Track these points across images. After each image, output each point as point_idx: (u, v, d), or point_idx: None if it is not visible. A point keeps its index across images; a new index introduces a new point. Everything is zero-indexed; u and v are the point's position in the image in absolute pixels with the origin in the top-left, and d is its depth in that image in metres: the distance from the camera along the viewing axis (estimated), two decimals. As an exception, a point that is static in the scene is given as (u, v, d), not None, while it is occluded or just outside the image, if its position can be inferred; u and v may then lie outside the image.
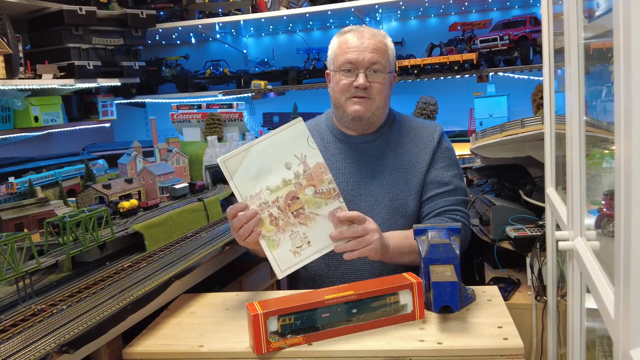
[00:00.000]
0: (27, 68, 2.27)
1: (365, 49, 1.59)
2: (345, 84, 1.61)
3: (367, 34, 1.62)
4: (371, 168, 1.67)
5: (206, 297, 1.52)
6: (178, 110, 2.67)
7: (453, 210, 1.66)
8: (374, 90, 1.61)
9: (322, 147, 1.72)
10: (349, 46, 1.60)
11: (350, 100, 1.62)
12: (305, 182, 1.39)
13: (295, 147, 1.38)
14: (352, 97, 1.62)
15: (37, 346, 1.06)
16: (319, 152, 1.40)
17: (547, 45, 1.57)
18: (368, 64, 1.58)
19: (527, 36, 2.60)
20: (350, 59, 1.59)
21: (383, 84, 1.62)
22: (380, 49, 1.61)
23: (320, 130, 1.76)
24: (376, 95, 1.61)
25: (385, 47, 1.63)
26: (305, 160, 1.39)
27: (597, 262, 0.90)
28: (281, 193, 1.37)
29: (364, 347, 1.18)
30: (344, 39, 1.63)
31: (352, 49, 1.59)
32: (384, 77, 1.61)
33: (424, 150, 1.69)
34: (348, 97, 1.62)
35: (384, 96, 1.64)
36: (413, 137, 1.71)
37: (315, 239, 1.39)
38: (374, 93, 1.61)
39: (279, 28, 3.35)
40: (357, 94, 1.61)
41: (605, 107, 1.18)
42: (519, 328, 1.23)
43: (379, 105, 1.63)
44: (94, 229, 1.52)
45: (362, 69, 1.59)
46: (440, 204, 1.66)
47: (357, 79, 1.59)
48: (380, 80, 1.60)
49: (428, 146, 1.70)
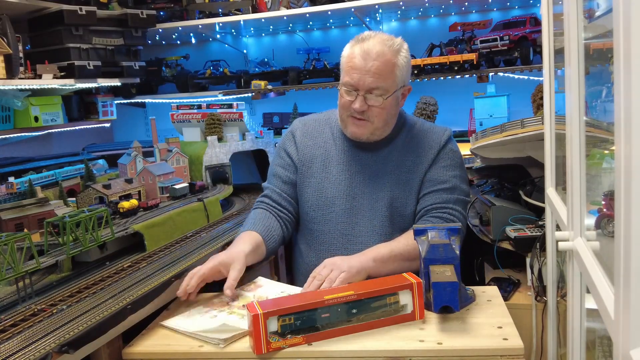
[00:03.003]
0: (27, 68, 2.27)
1: (367, 72, 1.55)
2: (345, 102, 1.61)
3: (374, 53, 1.55)
4: (375, 167, 1.68)
5: (206, 297, 1.52)
6: (178, 110, 2.67)
7: (443, 207, 1.62)
8: (372, 113, 1.59)
9: (331, 140, 1.75)
10: (353, 66, 1.57)
11: (350, 119, 1.63)
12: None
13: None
14: (351, 116, 1.62)
15: (37, 346, 1.06)
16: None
17: (547, 46, 1.58)
18: (367, 88, 1.56)
19: (527, 36, 2.60)
20: (351, 80, 1.57)
21: (383, 108, 1.58)
22: (384, 72, 1.56)
23: (331, 124, 1.77)
24: (374, 118, 1.60)
25: (392, 67, 1.57)
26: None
27: (597, 263, 0.90)
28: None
29: (364, 347, 1.18)
30: (352, 54, 1.58)
31: (355, 71, 1.56)
32: (385, 102, 1.58)
33: (429, 151, 1.68)
34: (348, 115, 1.63)
35: (383, 118, 1.61)
36: (421, 139, 1.70)
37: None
38: (372, 116, 1.60)
39: (279, 28, 3.35)
40: (355, 114, 1.60)
41: (605, 108, 1.18)
42: (519, 328, 1.23)
43: (377, 127, 1.62)
44: (94, 229, 1.52)
45: (362, 92, 1.57)
46: (431, 200, 1.64)
47: (355, 103, 1.58)
48: (379, 105, 1.58)
49: (434, 147, 1.68)
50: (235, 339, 1.24)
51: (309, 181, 1.72)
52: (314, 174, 1.72)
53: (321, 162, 1.72)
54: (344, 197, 1.67)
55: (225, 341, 1.22)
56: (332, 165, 1.71)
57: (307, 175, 1.73)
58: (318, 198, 1.69)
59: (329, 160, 1.72)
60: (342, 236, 1.66)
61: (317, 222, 1.69)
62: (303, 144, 1.76)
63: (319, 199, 1.69)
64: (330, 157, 1.72)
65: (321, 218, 1.69)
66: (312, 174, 1.72)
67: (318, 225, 1.69)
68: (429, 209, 1.63)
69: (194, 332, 1.28)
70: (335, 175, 1.69)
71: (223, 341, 1.22)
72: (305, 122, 1.82)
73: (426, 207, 1.64)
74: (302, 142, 1.76)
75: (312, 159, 1.74)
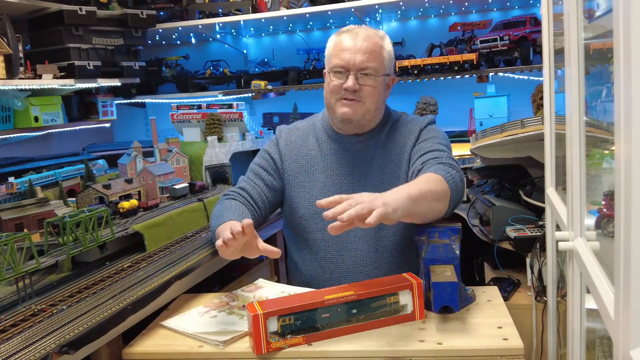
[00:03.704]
0: (27, 68, 2.27)
1: (357, 51, 1.55)
2: (335, 85, 1.59)
3: (362, 35, 1.58)
4: (364, 168, 1.65)
5: (206, 297, 1.52)
6: (178, 111, 2.67)
7: (437, 158, 1.53)
8: (364, 93, 1.57)
9: (316, 147, 1.71)
10: (342, 47, 1.58)
11: (340, 102, 1.60)
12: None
13: None
14: (341, 99, 1.59)
15: (37, 346, 1.06)
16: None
17: (547, 46, 1.58)
18: (359, 66, 1.55)
19: (527, 36, 2.60)
20: (342, 61, 1.57)
21: (374, 87, 1.58)
22: (374, 52, 1.57)
23: (316, 130, 1.74)
24: (366, 98, 1.58)
25: (380, 49, 1.59)
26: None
27: (597, 263, 0.90)
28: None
29: (364, 347, 1.18)
30: (339, 40, 1.61)
31: (345, 51, 1.57)
32: (376, 81, 1.58)
33: (410, 136, 1.65)
34: (338, 98, 1.60)
35: (375, 99, 1.60)
36: (402, 130, 1.68)
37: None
38: (364, 96, 1.58)
39: (279, 28, 3.35)
40: (347, 96, 1.58)
41: (605, 108, 1.18)
42: (519, 328, 1.24)
43: (369, 109, 1.60)
44: (94, 229, 1.52)
45: (353, 71, 1.56)
46: (421, 160, 1.55)
47: (347, 81, 1.56)
48: (370, 84, 1.57)
49: (414, 132, 1.66)
50: (235, 339, 1.24)
51: (297, 191, 1.68)
52: (302, 183, 1.68)
53: (307, 170, 1.69)
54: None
55: (224, 343, 1.22)
56: (318, 172, 1.68)
57: (295, 185, 1.69)
58: (308, 207, 1.66)
59: (314, 167, 1.68)
60: (336, 243, 1.63)
61: (310, 231, 1.66)
62: (287, 155, 1.72)
63: (308, 207, 1.66)
64: (315, 165, 1.69)
65: (313, 227, 1.65)
66: (299, 183, 1.69)
67: (310, 234, 1.66)
68: (422, 168, 1.53)
69: (193, 333, 1.28)
70: (323, 181, 1.66)
71: (222, 343, 1.22)
72: (289, 131, 1.77)
73: (418, 168, 1.54)
74: (286, 153, 1.72)
75: (297, 169, 1.70)
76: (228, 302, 1.44)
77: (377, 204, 1.18)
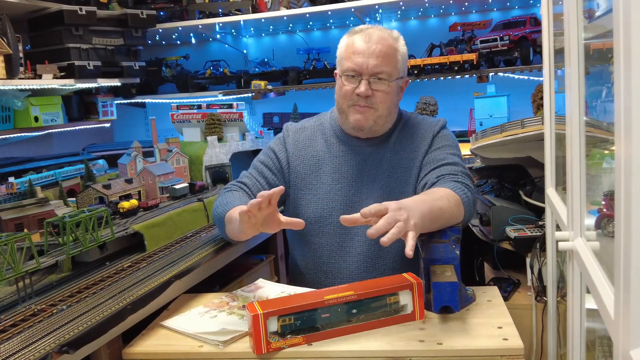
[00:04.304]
0: (27, 68, 2.27)
1: (370, 55, 1.51)
2: (347, 90, 1.55)
3: (375, 36, 1.53)
4: (372, 171, 1.63)
5: (206, 297, 1.52)
6: (178, 111, 2.67)
7: (452, 174, 1.52)
8: (376, 99, 1.53)
9: (324, 149, 1.68)
10: (355, 50, 1.53)
11: (352, 108, 1.57)
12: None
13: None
14: (354, 104, 1.56)
15: (37, 346, 1.06)
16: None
17: (547, 46, 1.58)
18: (372, 71, 1.51)
19: (527, 36, 2.60)
20: (354, 64, 1.52)
21: (387, 92, 1.54)
22: (388, 55, 1.52)
23: (324, 131, 1.70)
24: (379, 104, 1.54)
25: (395, 51, 1.54)
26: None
27: (597, 263, 0.90)
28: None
29: (363, 347, 1.18)
30: (352, 41, 1.56)
31: (358, 54, 1.52)
32: (389, 86, 1.53)
33: (423, 142, 1.63)
34: (350, 104, 1.57)
35: (387, 105, 1.56)
36: (413, 133, 1.65)
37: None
38: (376, 102, 1.54)
39: (279, 28, 3.35)
40: (359, 102, 1.54)
41: (605, 108, 1.18)
42: (519, 328, 1.23)
43: (381, 114, 1.57)
44: (94, 229, 1.52)
45: (366, 76, 1.51)
46: (436, 174, 1.53)
47: (359, 87, 1.52)
48: (384, 89, 1.53)
49: (427, 137, 1.63)
50: (235, 339, 1.24)
51: (303, 193, 1.66)
52: (308, 185, 1.65)
53: (314, 172, 1.66)
54: (340, 208, 1.60)
55: (224, 343, 1.22)
56: (325, 174, 1.65)
57: (301, 187, 1.66)
58: (314, 209, 1.63)
59: (322, 169, 1.65)
60: (339, 247, 1.62)
61: (314, 235, 1.64)
62: (294, 155, 1.69)
63: (314, 210, 1.63)
64: (323, 167, 1.65)
65: (318, 230, 1.63)
66: (305, 185, 1.66)
67: (315, 238, 1.64)
68: (436, 182, 1.51)
69: (194, 333, 1.28)
70: (330, 183, 1.63)
71: (223, 343, 1.22)
72: (296, 130, 1.73)
73: (432, 181, 1.52)
74: (293, 153, 1.69)
75: (304, 170, 1.67)
76: (228, 302, 1.44)
77: (410, 226, 1.20)
